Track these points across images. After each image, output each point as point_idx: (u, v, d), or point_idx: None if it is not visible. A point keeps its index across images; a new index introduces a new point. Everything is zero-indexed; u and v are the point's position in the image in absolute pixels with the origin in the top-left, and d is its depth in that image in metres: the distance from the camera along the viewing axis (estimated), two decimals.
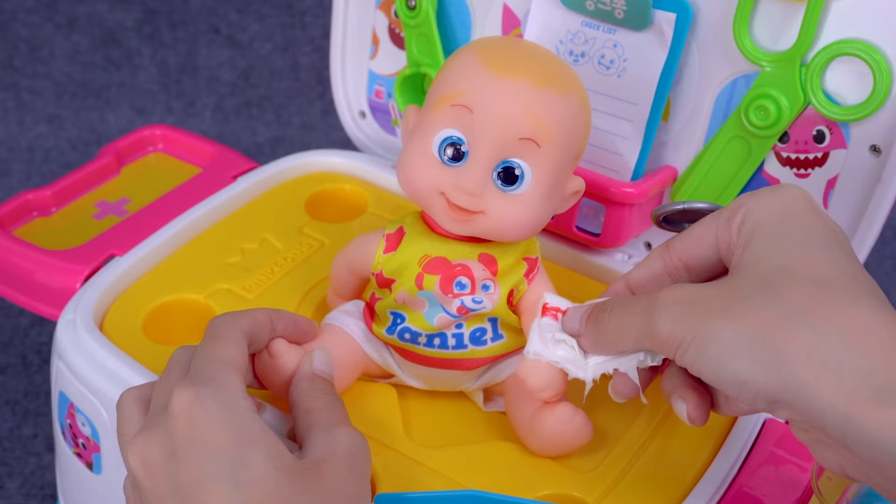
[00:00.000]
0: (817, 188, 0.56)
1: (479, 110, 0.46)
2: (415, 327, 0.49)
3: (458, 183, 0.46)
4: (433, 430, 0.51)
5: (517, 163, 0.47)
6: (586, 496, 0.47)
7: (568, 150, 0.48)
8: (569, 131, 0.47)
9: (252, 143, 1.12)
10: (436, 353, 0.50)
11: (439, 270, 0.48)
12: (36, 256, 0.61)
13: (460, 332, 0.49)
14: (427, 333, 0.49)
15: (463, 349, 0.50)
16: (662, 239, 0.63)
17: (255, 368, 0.48)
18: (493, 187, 0.47)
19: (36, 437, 0.79)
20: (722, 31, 0.56)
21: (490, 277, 0.49)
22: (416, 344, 0.50)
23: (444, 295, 0.48)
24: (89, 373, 0.53)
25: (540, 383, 0.46)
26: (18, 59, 1.14)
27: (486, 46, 0.49)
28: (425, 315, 0.49)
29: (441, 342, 0.50)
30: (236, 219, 0.65)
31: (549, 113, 0.46)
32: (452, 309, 0.48)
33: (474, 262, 0.48)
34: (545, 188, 0.47)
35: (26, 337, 0.87)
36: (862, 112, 0.53)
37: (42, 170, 1.08)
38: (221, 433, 0.39)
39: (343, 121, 0.74)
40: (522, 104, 0.46)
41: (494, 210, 0.47)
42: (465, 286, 0.48)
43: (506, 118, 0.46)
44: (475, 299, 0.48)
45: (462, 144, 0.47)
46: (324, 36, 1.16)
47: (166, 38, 1.15)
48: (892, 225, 1.03)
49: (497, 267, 0.49)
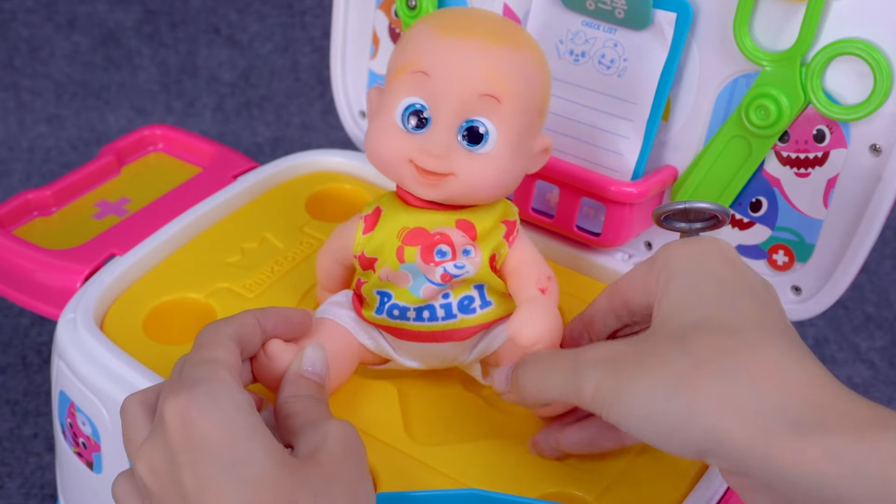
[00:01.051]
0: (817, 188, 0.56)
1: (435, 73, 0.47)
2: (402, 302, 0.49)
3: (425, 147, 0.47)
4: (434, 428, 0.51)
5: (480, 121, 0.47)
6: (587, 494, 0.47)
7: (530, 106, 0.48)
8: (528, 86, 0.48)
9: (252, 143, 1.12)
10: (426, 326, 0.50)
11: (418, 241, 0.49)
12: (36, 256, 0.61)
13: (448, 303, 0.49)
14: (415, 307, 0.49)
15: (452, 319, 0.50)
16: (663, 239, 0.63)
17: (254, 371, 0.48)
18: (460, 148, 0.47)
19: (36, 437, 0.79)
20: (722, 30, 0.56)
21: (470, 242, 0.49)
22: (405, 320, 0.50)
23: (425, 265, 0.48)
24: (90, 372, 0.53)
25: (532, 337, 0.47)
26: (18, 59, 1.14)
27: (437, 15, 0.49)
28: (410, 288, 0.49)
29: (430, 314, 0.50)
30: (236, 218, 0.65)
31: (506, 69, 0.47)
32: (436, 277, 0.49)
33: (452, 229, 0.49)
34: (511, 145, 0.48)
35: (26, 337, 0.87)
36: (862, 111, 0.53)
37: (42, 170, 1.08)
38: (218, 432, 0.39)
39: (343, 120, 0.74)
40: (478, 62, 0.47)
41: (463, 170, 0.47)
42: (445, 253, 0.49)
43: (463, 77, 0.47)
44: (457, 265, 0.49)
45: (424, 111, 0.47)
46: (324, 36, 1.16)
47: (166, 38, 1.16)
48: (892, 225, 1.03)
49: (475, 231, 0.49)
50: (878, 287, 0.98)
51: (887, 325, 0.93)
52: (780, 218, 0.58)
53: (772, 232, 0.59)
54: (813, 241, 0.57)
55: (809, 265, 0.58)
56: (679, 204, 0.51)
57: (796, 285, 0.59)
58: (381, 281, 0.50)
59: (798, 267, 0.59)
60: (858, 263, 0.55)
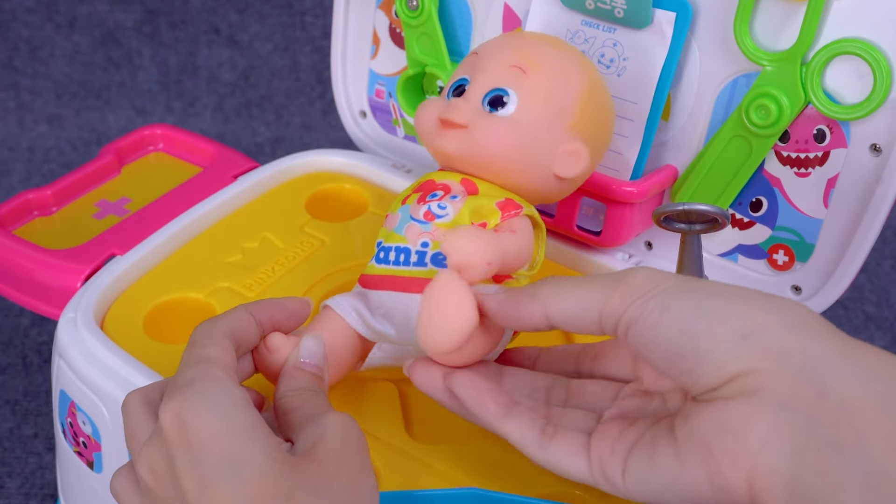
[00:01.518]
0: (817, 188, 0.56)
1: (482, 52, 0.51)
2: (387, 243, 0.50)
3: (451, 104, 0.49)
4: (434, 428, 0.51)
5: (504, 89, 0.49)
6: (587, 494, 0.47)
7: (562, 98, 0.49)
8: (563, 79, 0.50)
9: (252, 143, 1.13)
10: (396, 270, 0.49)
11: (423, 189, 0.50)
12: (36, 256, 0.61)
13: (424, 251, 0.49)
14: (395, 247, 0.49)
15: (422, 267, 0.48)
16: (663, 239, 0.63)
17: (257, 365, 0.48)
18: (482, 111, 0.49)
19: (36, 436, 0.79)
20: (722, 30, 0.56)
21: (463, 192, 0.49)
22: (385, 263, 0.49)
23: (417, 204, 0.49)
24: (90, 371, 0.53)
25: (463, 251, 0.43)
26: (18, 59, 1.14)
27: None
28: (396, 228, 0.49)
29: (405, 258, 0.49)
30: (237, 218, 0.65)
31: (540, 53, 0.50)
32: (419, 215, 0.49)
33: (455, 182, 0.50)
34: (530, 120, 0.49)
35: (27, 337, 0.87)
36: (862, 111, 0.53)
37: (42, 170, 1.08)
38: (214, 433, 0.38)
39: (343, 120, 0.74)
40: (516, 42, 0.51)
41: (477, 126, 0.49)
42: (436, 194, 0.50)
43: (499, 52, 0.50)
44: (440, 205, 0.49)
45: (466, 84, 0.50)
46: (324, 36, 1.16)
47: (166, 38, 1.16)
48: (892, 225, 1.03)
49: (476, 189, 0.50)
50: (878, 287, 0.98)
51: (887, 325, 0.93)
52: (780, 218, 0.58)
53: (772, 232, 0.59)
54: (813, 241, 0.57)
55: (809, 265, 0.58)
56: (679, 205, 0.51)
57: (796, 285, 0.59)
58: (384, 229, 0.51)
59: (798, 267, 0.59)
60: (858, 263, 0.55)
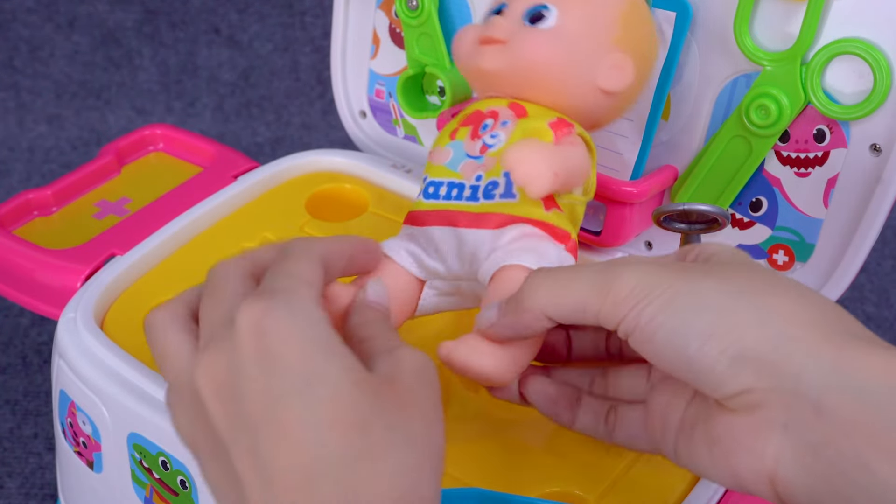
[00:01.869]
0: (817, 187, 0.56)
1: None
2: (437, 177, 0.49)
3: (491, 23, 0.49)
4: None
5: (544, 4, 0.49)
6: (587, 494, 0.47)
7: (601, 13, 0.49)
8: None
9: (252, 143, 1.13)
10: (447, 205, 0.48)
11: (472, 122, 0.50)
12: (36, 256, 0.61)
13: (476, 185, 0.48)
14: (448, 182, 0.49)
15: (474, 202, 0.48)
16: (663, 239, 0.63)
17: None
18: (523, 26, 0.49)
19: (36, 436, 0.79)
20: (722, 30, 0.56)
21: (513, 116, 0.49)
22: (435, 198, 0.48)
23: (472, 141, 0.49)
24: (90, 371, 0.53)
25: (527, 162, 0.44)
26: (18, 59, 1.14)
27: None
28: (448, 164, 0.49)
29: (458, 192, 0.48)
30: (237, 218, 0.65)
31: None
32: (475, 150, 0.49)
33: (503, 108, 0.49)
34: (572, 31, 0.48)
35: (26, 337, 0.87)
36: (862, 111, 0.53)
37: (42, 170, 1.08)
38: (294, 346, 0.35)
39: (343, 120, 0.74)
40: None
41: (517, 39, 0.48)
42: (487, 125, 0.49)
43: None
44: (493, 134, 0.49)
45: (504, 7, 0.50)
46: (324, 36, 1.16)
47: (166, 38, 1.16)
48: (892, 225, 1.03)
49: (526, 112, 0.49)
50: (878, 287, 0.98)
51: (887, 325, 0.93)
52: (780, 218, 0.58)
53: (772, 232, 0.59)
54: (813, 241, 0.57)
55: (809, 265, 0.58)
56: (679, 205, 0.51)
57: None
58: (431, 165, 0.50)
59: (798, 267, 0.59)
60: (858, 263, 0.55)
